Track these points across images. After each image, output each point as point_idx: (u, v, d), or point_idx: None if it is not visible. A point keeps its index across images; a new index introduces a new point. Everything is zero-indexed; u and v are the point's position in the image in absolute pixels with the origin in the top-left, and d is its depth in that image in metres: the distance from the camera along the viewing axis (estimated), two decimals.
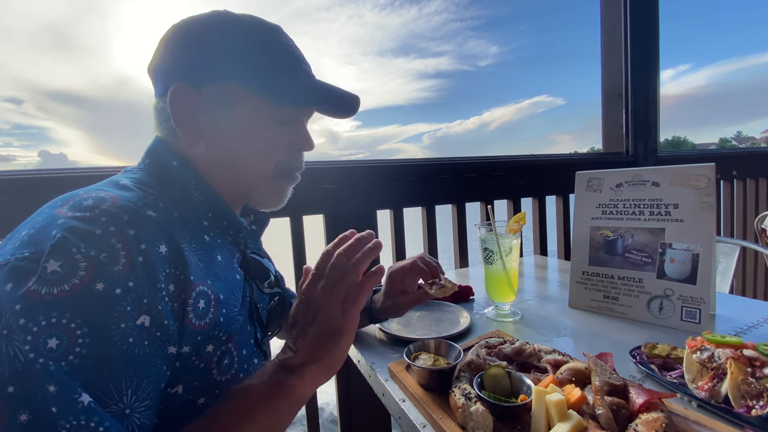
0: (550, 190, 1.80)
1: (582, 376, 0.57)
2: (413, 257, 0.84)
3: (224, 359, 0.53)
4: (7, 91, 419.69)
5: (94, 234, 0.42)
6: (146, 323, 0.42)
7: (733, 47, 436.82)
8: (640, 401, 0.49)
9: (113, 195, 0.47)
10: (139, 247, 0.44)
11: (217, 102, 0.57)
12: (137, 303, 0.42)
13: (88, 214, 0.43)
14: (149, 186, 0.54)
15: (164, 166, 0.57)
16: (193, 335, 0.48)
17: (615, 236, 0.92)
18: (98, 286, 0.39)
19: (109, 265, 0.41)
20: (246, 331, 0.59)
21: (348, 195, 1.31)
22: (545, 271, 1.37)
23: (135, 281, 0.42)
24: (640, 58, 1.91)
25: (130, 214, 0.45)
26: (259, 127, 0.59)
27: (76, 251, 0.40)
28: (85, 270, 0.39)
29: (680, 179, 0.84)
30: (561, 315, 0.94)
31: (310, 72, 0.62)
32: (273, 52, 0.58)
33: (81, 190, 0.49)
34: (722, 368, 0.56)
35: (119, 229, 0.43)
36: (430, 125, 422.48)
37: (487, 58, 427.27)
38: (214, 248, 0.56)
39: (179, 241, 0.49)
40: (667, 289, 0.84)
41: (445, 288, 0.76)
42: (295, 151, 0.64)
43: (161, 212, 0.50)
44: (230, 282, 0.56)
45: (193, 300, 0.48)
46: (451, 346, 0.67)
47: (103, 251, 0.41)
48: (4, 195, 0.91)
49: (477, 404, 0.52)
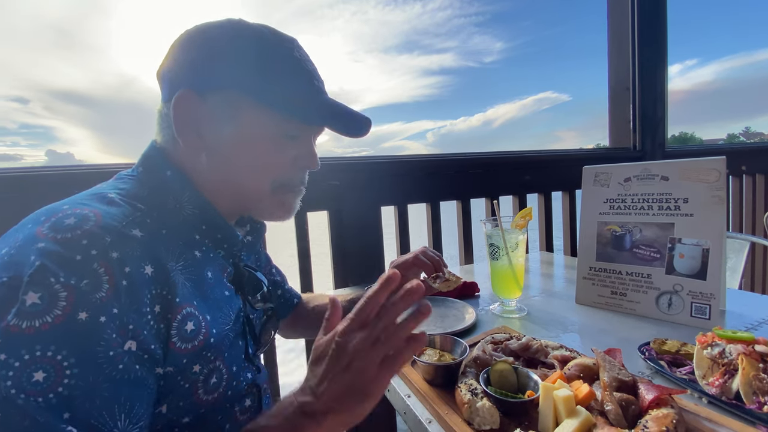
0: (556, 185, 1.78)
1: (590, 372, 0.56)
2: (415, 251, 0.84)
3: (211, 378, 0.52)
4: (14, 90, 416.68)
5: (74, 260, 0.40)
6: (133, 348, 0.42)
7: (742, 42, 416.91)
8: (649, 397, 0.48)
9: (97, 212, 0.45)
10: (123, 270, 0.43)
11: (222, 112, 0.55)
12: (123, 329, 0.41)
13: (68, 236, 0.42)
14: (139, 198, 0.52)
15: (157, 175, 0.56)
16: (176, 357, 0.47)
17: (623, 231, 0.91)
18: (81, 316, 0.39)
19: (91, 293, 0.40)
20: (237, 347, 0.58)
21: (352, 191, 1.31)
22: (551, 267, 1.36)
23: (119, 307, 0.41)
24: (648, 52, 1.88)
25: (114, 235, 0.44)
26: (263, 141, 0.57)
27: (55, 281, 0.39)
28: (66, 300, 0.38)
29: (690, 173, 0.83)
30: (568, 311, 0.93)
31: (323, 89, 0.61)
32: (285, 65, 0.56)
33: (66, 203, 0.47)
34: (733, 364, 0.55)
35: (101, 252, 0.42)
36: (434, 122, 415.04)
37: (491, 54, 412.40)
38: (205, 264, 0.55)
39: (166, 260, 0.48)
40: (676, 285, 0.83)
41: (449, 282, 0.76)
42: (298, 168, 0.62)
43: (148, 230, 0.48)
44: (220, 299, 0.55)
45: (178, 322, 0.47)
46: (457, 342, 0.66)
47: (84, 278, 0.40)
48: (11, 192, 0.91)
49: (483, 400, 0.51)
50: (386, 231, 1.39)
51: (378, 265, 1.36)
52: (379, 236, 1.37)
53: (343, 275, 1.31)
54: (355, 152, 49.92)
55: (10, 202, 0.90)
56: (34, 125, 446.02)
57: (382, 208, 1.39)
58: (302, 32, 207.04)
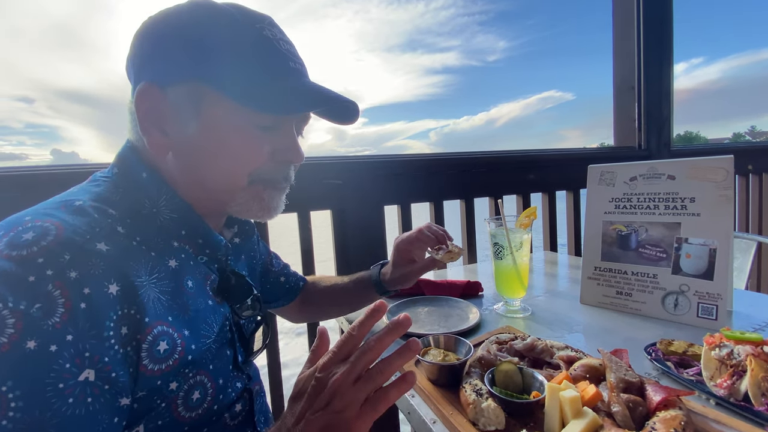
0: (560, 185, 1.77)
1: (596, 372, 0.55)
2: (419, 226, 0.83)
3: (192, 394, 0.50)
4: (19, 90, 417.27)
5: (26, 282, 0.37)
6: (90, 378, 0.38)
7: (748, 40, 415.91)
8: (657, 399, 0.48)
9: (59, 224, 0.41)
10: (82, 292, 0.39)
11: (185, 106, 0.51)
12: (78, 358, 0.38)
13: (24, 253, 0.38)
14: (111, 203, 0.49)
15: (132, 177, 0.52)
16: (148, 380, 0.44)
17: (629, 231, 0.90)
18: (29, 345, 0.35)
19: (43, 319, 0.36)
20: (222, 358, 0.55)
21: (355, 190, 1.30)
22: (555, 267, 1.35)
23: (75, 333, 0.38)
24: (654, 50, 1.86)
25: (74, 252, 0.40)
26: (232, 135, 0.52)
27: (2, 306, 0.35)
28: (14, 327, 0.35)
29: (697, 172, 0.82)
30: (572, 311, 0.93)
31: (301, 71, 0.54)
32: (253, 48, 0.51)
33: (29, 214, 0.43)
34: (742, 365, 0.55)
35: (58, 271, 0.38)
36: (437, 121, 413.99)
37: (495, 53, 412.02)
38: (185, 273, 0.51)
39: (136, 275, 0.44)
40: (682, 285, 0.82)
41: (452, 253, 0.75)
42: (278, 162, 0.56)
43: (116, 242, 0.44)
44: (202, 310, 0.52)
45: (148, 344, 0.43)
46: (461, 342, 0.66)
47: (36, 302, 0.36)
48: (15, 191, 0.92)
49: (488, 400, 0.51)
50: (389, 230, 1.39)
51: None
52: (382, 236, 1.37)
53: (346, 274, 1.30)
54: (357, 152, 48.90)
55: (15, 201, 0.91)
56: (40, 125, 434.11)
57: (386, 208, 1.39)
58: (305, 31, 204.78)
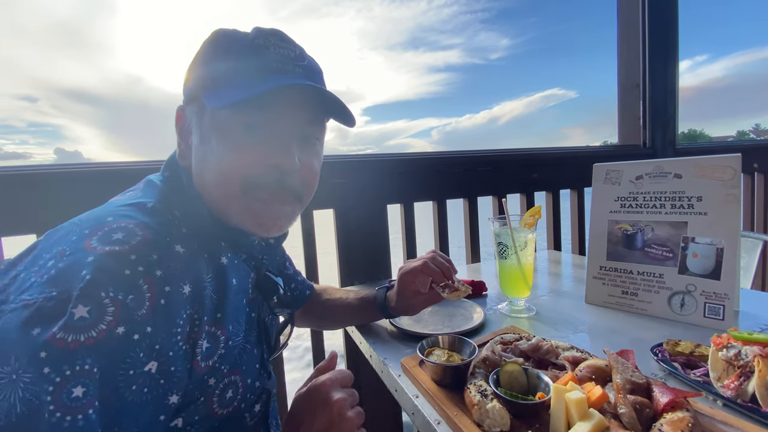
0: (565, 183, 1.76)
1: (602, 373, 0.55)
2: (424, 257, 0.80)
3: (227, 392, 0.52)
4: (22, 89, 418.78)
5: (123, 275, 0.41)
6: (153, 369, 0.41)
7: (753, 37, 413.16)
8: (664, 400, 0.47)
9: (142, 225, 0.46)
10: (164, 290, 0.43)
11: (191, 120, 0.57)
12: (150, 349, 0.41)
13: (117, 249, 0.42)
14: (174, 205, 0.53)
15: (179, 182, 0.57)
16: (198, 376, 0.48)
17: (634, 230, 0.90)
18: (119, 330, 0.39)
19: (135, 309, 0.40)
20: (252, 356, 0.58)
21: (358, 189, 1.30)
22: (559, 266, 1.34)
23: (153, 326, 0.41)
24: (659, 47, 1.85)
25: (160, 252, 0.44)
26: (215, 137, 0.54)
27: (105, 295, 0.39)
28: (113, 315, 0.39)
29: (704, 171, 0.81)
30: (577, 311, 0.92)
31: (285, 68, 0.54)
32: (235, 55, 0.53)
33: (110, 215, 0.47)
34: (749, 366, 0.54)
35: (148, 268, 0.42)
36: (439, 120, 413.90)
37: (497, 51, 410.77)
38: (231, 271, 0.54)
39: (202, 276, 0.48)
40: (689, 285, 0.81)
41: (459, 292, 0.74)
42: (269, 167, 0.54)
43: (188, 244, 0.48)
44: (237, 308, 0.55)
45: (202, 341, 0.47)
46: (465, 342, 0.65)
47: (131, 293, 0.40)
48: (20, 189, 0.92)
49: (493, 401, 0.51)
50: (392, 229, 1.38)
51: (384, 263, 1.36)
52: (385, 234, 1.37)
53: (349, 273, 1.30)
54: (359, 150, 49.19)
55: (19, 199, 0.91)
56: (43, 123, 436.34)
57: (389, 207, 1.38)
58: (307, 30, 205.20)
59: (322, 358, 1.28)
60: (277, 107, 0.54)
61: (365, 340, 0.84)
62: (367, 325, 0.91)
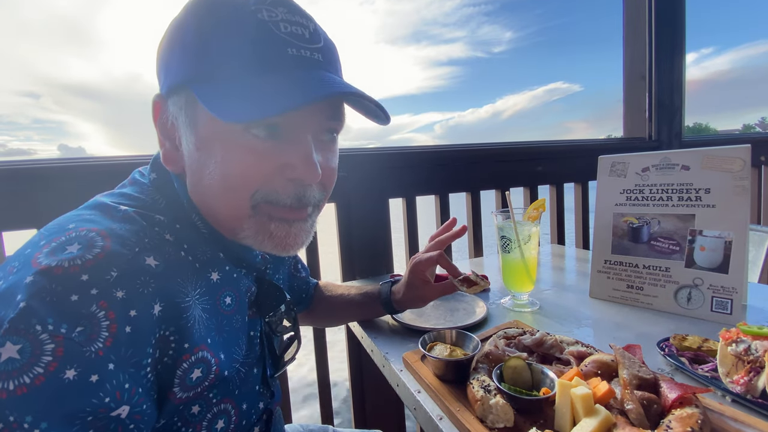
0: (569, 177, 1.74)
1: (608, 368, 0.54)
2: (439, 250, 0.76)
3: (216, 423, 0.47)
4: (25, 85, 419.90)
5: (67, 301, 0.32)
6: (123, 415, 0.34)
7: (760, 29, 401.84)
8: (672, 396, 0.46)
9: (105, 233, 0.38)
10: (128, 315, 0.35)
11: (180, 116, 0.46)
12: (118, 390, 0.33)
13: (66, 266, 0.34)
14: (158, 208, 0.45)
15: (170, 185, 0.49)
16: (173, 407, 0.41)
17: (640, 223, 0.88)
18: (68, 375, 0.31)
19: (85, 345, 0.32)
20: (250, 379, 0.53)
21: (360, 183, 1.29)
22: (563, 260, 1.33)
23: (117, 361, 0.34)
24: (665, 39, 1.81)
25: (122, 268, 0.36)
26: (221, 146, 0.44)
27: (42, 329, 0.31)
28: (53, 354, 0.30)
29: (713, 162, 0.79)
30: (581, 305, 0.91)
31: (304, 56, 0.43)
32: (240, 40, 0.42)
33: (72, 221, 0.39)
34: (759, 361, 0.53)
35: (104, 291, 0.34)
36: (442, 114, 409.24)
37: (501, 44, 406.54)
38: (225, 287, 0.48)
39: (183, 293, 0.41)
40: (696, 279, 0.80)
41: (477, 286, 0.72)
42: (285, 180, 0.46)
43: (166, 255, 0.41)
44: (236, 329, 0.49)
45: (183, 370, 0.40)
46: (468, 337, 0.64)
47: (78, 325, 0.32)
48: (23, 184, 0.91)
49: (497, 397, 0.50)
50: (394, 223, 1.37)
51: (386, 257, 1.35)
52: (387, 228, 1.36)
53: (350, 268, 1.29)
54: (362, 144, 48.19)
55: (20, 193, 0.90)
56: (46, 120, 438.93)
57: (390, 200, 1.37)
58: None
59: (323, 355, 1.28)
60: (297, 111, 0.44)
61: (367, 335, 0.83)
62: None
